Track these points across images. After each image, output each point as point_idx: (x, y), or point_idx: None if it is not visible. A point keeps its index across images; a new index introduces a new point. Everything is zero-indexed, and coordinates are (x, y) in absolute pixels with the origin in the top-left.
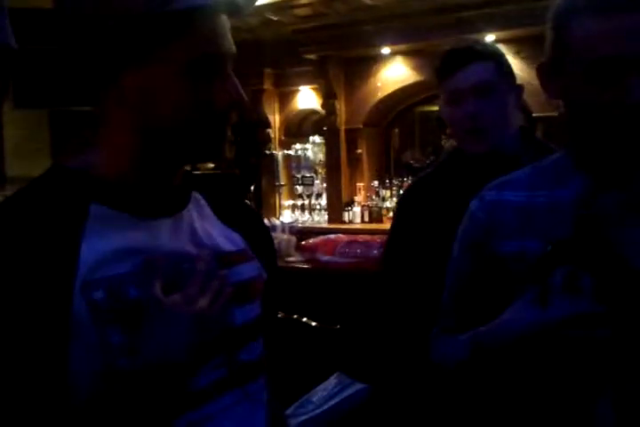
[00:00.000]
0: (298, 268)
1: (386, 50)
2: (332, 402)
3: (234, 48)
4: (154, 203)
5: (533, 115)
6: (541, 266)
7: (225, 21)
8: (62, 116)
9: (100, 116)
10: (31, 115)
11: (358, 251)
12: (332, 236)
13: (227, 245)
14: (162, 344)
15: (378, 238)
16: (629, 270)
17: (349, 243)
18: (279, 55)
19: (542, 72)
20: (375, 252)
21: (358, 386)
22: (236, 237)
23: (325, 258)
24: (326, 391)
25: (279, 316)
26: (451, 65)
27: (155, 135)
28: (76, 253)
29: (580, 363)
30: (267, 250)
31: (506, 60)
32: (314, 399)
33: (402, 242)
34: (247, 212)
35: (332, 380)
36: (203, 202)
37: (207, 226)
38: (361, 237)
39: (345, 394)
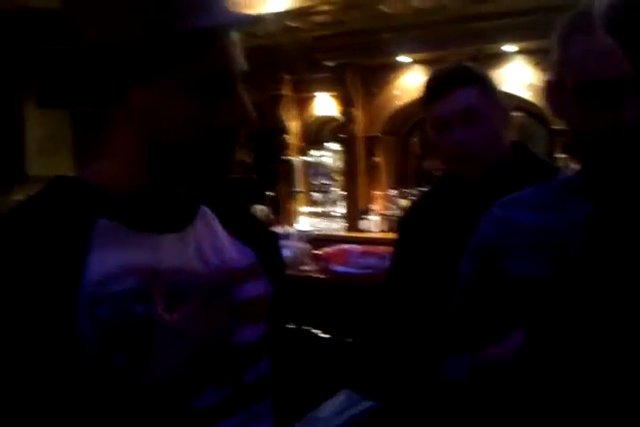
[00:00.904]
0: (311, 277)
1: (404, 58)
2: (340, 420)
3: (244, 66)
4: (160, 217)
5: (552, 127)
6: (545, 292)
7: (235, 39)
8: (84, 115)
9: (108, 130)
10: (53, 114)
11: (372, 262)
12: (347, 246)
13: (235, 261)
14: (163, 363)
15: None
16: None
17: (363, 253)
18: (297, 61)
19: (547, 90)
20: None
21: (367, 404)
22: (244, 250)
23: (339, 268)
24: (334, 408)
25: (289, 327)
26: (434, 91)
27: (161, 152)
28: (81, 269)
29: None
30: (276, 264)
31: (490, 82)
32: (321, 416)
33: (404, 259)
34: (256, 224)
35: (341, 396)
36: (211, 215)
37: (215, 240)
38: (375, 248)
39: (353, 411)
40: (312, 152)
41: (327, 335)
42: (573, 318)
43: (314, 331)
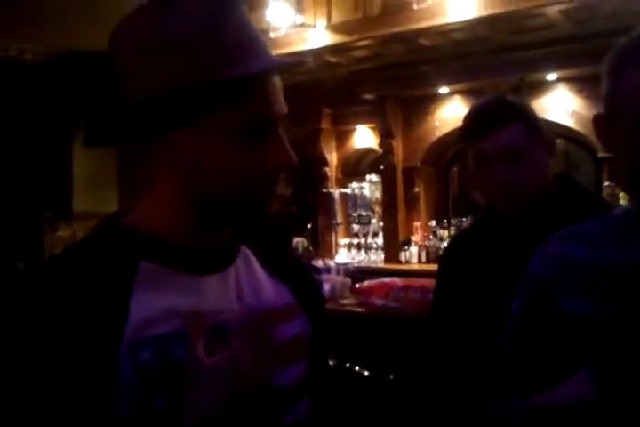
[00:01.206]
0: (351, 311)
1: (444, 89)
2: None
3: (285, 109)
4: (201, 259)
5: (599, 155)
6: (617, 330)
7: (276, 82)
8: (130, 154)
9: (152, 171)
10: (100, 153)
11: (414, 296)
12: (387, 279)
13: (274, 301)
14: (203, 406)
15: (434, 283)
16: None
17: (405, 287)
18: (337, 95)
19: (597, 124)
20: (432, 296)
21: None
22: (284, 290)
23: (380, 302)
24: None
25: (330, 365)
26: (477, 128)
27: (204, 197)
28: (125, 313)
29: None
30: (315, 303)
31: (533, 117)
32: None
33: (447, 296)
34: (294, 262)
35: None
36: (251, 255)
37: (254, 281)
38: (416, 282)
39: None
40: (351, 184)
41: (368, 372)
42: None
43: (356, 369)
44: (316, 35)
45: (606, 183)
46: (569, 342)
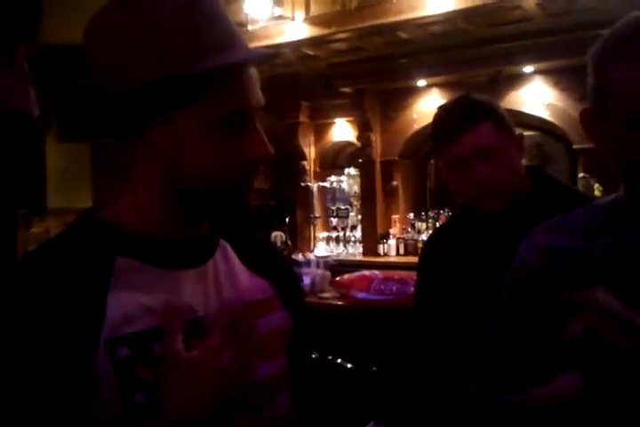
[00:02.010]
0: (332, 304)
1: (422, 82)
2: None
3: (262, 101)
4: (179, 254)
5: (574, 147)
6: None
7: (253, 74)
8: (104, 150)
9: (128, 165)
10: (74, 148)
11: (394, 288)
12: (368, 272)
13: (253, 295)
14: (183, 402)
15: (414, 276)
16: None
17: (385, 279)
18: (315, 88)
19: (585, 118)
20: (412, 289)
21: None
22: (263, 284)
23: (360, 295)
24: None
25: (312, 357)
26: (446, 132)
27: (182, 191)
28: (102, 310)
29: None
30: (294, 297)
31: (502, 113)
32: None
33: (428, 292)
34: (273, 256)
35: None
36: (229, 249)
37: (233, 275)
38: (397, 274)
39: None
40: (330, 178)
41: (350, 365)
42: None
43: (338, 361)
44: (294, 27)
45: (581, 175)
46: (554, 336)
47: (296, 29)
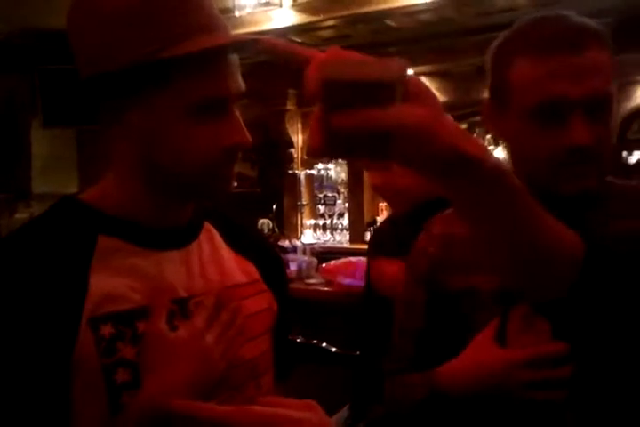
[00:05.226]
0: (318, 290)
1: (409, 71)
2: None
3: (241, 87)
4: (162, 235)
5: None
6: (499, 304)
7: (232, 60)
8: (88, 135)
9: (109, 151)
10: (58, 133)
11: None
12: (354, 258)
13: (237, 277)
14: (161, 381)
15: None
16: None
17: None
18: (302, 75)
19: (485, 109)
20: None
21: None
22: (248, 266)
23: (346, 281)
24: (339, 424)
25: (298, 342)
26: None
27: (158, 174)
28: (85, 288)
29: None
30: (278, 279)
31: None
32: None
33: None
34: (258, 240)
35: (346, 411)
36: (214, 232)
37: (218, 258)
38: None
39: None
40: (317, 165)
41: (335, 349)
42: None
43: (323, 345)
44: (281, 14)
45: None
46: (452, 318)
47: (284, 16)
